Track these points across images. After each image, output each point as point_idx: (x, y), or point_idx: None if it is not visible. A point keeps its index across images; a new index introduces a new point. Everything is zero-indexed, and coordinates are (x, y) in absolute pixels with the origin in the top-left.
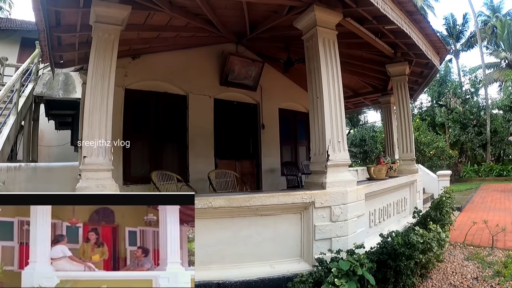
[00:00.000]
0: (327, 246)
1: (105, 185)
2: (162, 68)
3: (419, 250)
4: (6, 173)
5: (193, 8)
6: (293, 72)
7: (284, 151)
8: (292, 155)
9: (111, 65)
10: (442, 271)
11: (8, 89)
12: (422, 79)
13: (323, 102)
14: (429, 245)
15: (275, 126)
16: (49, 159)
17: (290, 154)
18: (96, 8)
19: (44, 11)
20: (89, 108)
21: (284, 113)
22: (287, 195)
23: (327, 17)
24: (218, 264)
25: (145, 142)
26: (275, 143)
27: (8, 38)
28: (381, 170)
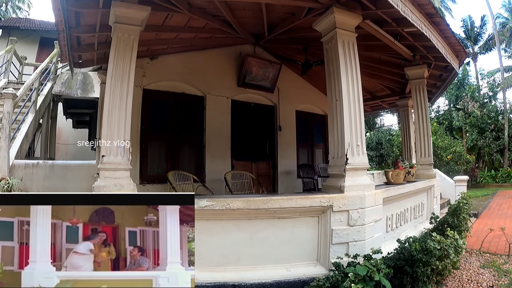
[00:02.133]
0: (344, 251)
1: (123, 184)
2: (180, 69)
3: (436, 256)
4: (24, 170)
5: (211, 9)
6: (310, 74)
7: (300, 153)
8: (308, 158)
9: (130, 65)
10: (457, 278)
11: (27, 87)
12: (440, 82)
13: (342, 105)
14: (446, 251)
15: (292, 128)
16: (66, 157)
17: (306, 156)
18: (116, 8)
19: (64, 12)
20: (108, 107)
21: (301, 115)
22: (305, 198)
23: (346, 19)
24: (233, 265)
25: (162, 142)
26: (292, 145)
27: (27, 37)
28: (399, 174)
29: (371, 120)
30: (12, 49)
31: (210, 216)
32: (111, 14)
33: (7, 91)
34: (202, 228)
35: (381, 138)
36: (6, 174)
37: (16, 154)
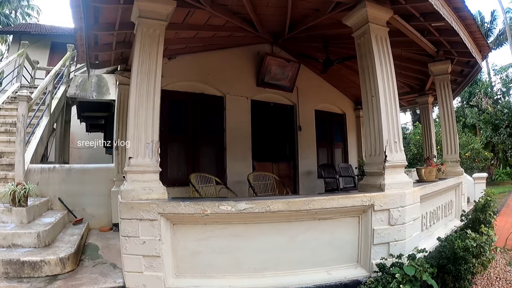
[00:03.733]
0: (385, 251)
1: (152, 188)
2: (199, 69)
3: (472, 254)
4: (40, 174)
5: (233, 6)
6: (329, 73)
7: (320, 153)
8: (328, 157)
9: (157, 61)
10: (485, 276)
11: (41, 90)
12: (462, 78)
13: (379, 100)
14: (482, 248)
15: (311, 128)
16: (79, 160)
17: (326, 156)
18: (140, 2)
19: (83, 8)
20: (134, 106)
21: (320, 115)
22: (347, 198)
23: (378, 14)
24: (272, 270)
25: (182, 144)
26: (312, 145)
27: (38, 42)
28: (431, 171)
29: None
30: (24, 53)
31: (248, 219)
32: (134, 9)
33: (21, 93)
34: (240, 233)
35: None
36: (22, 179)
37: (31, 158)
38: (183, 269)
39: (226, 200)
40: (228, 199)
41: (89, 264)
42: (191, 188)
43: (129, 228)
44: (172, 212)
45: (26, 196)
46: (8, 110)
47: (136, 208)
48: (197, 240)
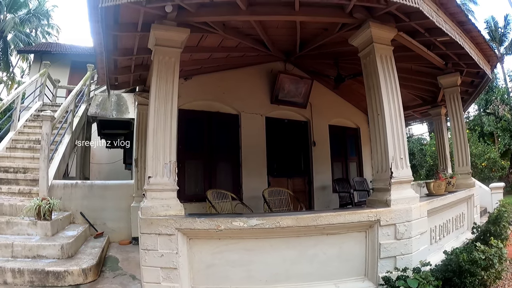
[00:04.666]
0: (391, 264)
1: (170, 205)
2: (214, 88)
3: (481, 266)
4: (63, 190)
5: (245, 28)
6: (341, 88)
7: (335, 168)
8: (343, 172)
9: (173, 87)
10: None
11: (63, 110)
12: (472, 88)
13: (384, 119)
14: (491, 261)
15: (325, 143)
16: (99, 176)
17: (341, 170)
18: (156, 31)
19: (103, 36)
20: (153, 129)
21: (334, 129)
22: (353, 214)
23: (382, 33)
24: (283, 283)
25: (198, 161)
26: (326, 159)
27: (58, 61)
28: (440, 185)
29: None
30: (46, 73)
31: (260, 234)
32: (151, 37)
33: (45, 113)
34: (252, 247)
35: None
36: (46, 194)
37: (54, 174)
38: (199, 281)
39: (239, 216)
40: (241, 215)
41: (110, 275)
42: (208, 204)
43: (148, 242)
44: (189, 228)
45: (50, 210)
46: (31, 127)
47: (155, 224)
48: (212, 253)
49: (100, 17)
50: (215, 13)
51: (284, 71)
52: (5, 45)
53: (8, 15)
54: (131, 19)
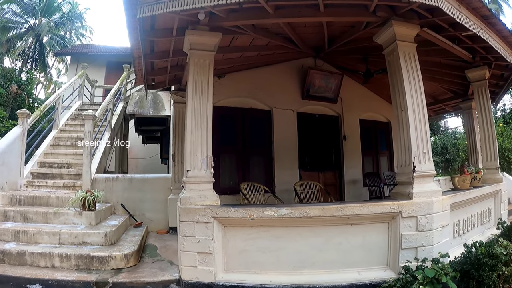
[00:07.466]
0: (412, 255)
1: (207, 196)
2: (246, 85)
3: (502, 261)
4: (105, 183)
5: (274, 28)
6: (372, 82)
7: (365, 162)
8: (373, 166)
9: (208, 88)
10: None
11: (103, 108)
12: (503, 81)
13: (407, 115)
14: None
15: (356, 137)
16: (136, 170)
17: (371, 164)
18: (190, 37)
19: (141, 41)
20: (190, 127)
21: (365, 124)
22: (376, 205)
23: (405, 31)
24: (309, 269)
25: (232, 155)
26: (357, 154)
27: (95, 62)
28: (465, 180)
29: (434, 124)
30: (84, 74)
31: (288, 223)
32: (186, 42)
33: (87, 113)
34: (281, 234)
35: (446, 142)
36: (89, 187)
37: (96, 169)
38: (231, 265)
39: (270, 206)
40: (271, 205)
41: (149, 260)
42: (241, 196)
43: (187, 229)
44: (224, 216)
45: (94, 201)
46: (72, 126)
47: (193, 213)
48: (244, 240)
49: (137, 25)
50: (245, 17)
51: (314, 67)
52: (42, 48)
53: (43, 20)
54: (166, 25)
